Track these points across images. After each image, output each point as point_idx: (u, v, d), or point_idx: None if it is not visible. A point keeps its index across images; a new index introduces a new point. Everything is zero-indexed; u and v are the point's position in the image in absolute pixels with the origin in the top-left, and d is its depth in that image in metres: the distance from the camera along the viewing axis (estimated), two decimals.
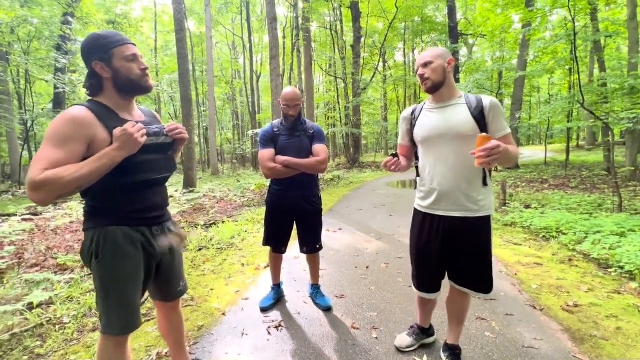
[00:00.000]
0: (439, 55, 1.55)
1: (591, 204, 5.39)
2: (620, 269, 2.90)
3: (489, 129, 1.51)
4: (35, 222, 5.47)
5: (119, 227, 1.22)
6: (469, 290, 1.63)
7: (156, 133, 1.30)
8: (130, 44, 1.25)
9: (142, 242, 1.27)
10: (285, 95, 2.14)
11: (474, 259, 1.58)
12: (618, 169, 7.43)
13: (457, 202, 1.55)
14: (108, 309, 1.22)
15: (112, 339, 1.24)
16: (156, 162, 1.32)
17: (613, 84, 7.84)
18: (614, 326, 2.09)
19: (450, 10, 14.05)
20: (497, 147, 1.29)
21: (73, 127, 1.10)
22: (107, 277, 1.20)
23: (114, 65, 1.21)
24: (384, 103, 26.24)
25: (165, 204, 1.43)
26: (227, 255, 3.68)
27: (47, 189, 1.02)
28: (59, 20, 10.59)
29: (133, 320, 1.26)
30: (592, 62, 15.17)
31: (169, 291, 1.48)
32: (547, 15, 6.65)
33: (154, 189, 1.34)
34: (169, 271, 1.43)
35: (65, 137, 1.08)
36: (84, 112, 1.14)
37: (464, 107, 1.53)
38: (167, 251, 1.39)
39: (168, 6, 22.13)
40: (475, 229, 1.55)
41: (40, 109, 12.88)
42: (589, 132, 21.41)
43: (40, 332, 2.11)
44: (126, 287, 1.22)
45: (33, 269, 3.24)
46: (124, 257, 1.21)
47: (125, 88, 1.24)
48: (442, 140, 1.55)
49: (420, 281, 1.73)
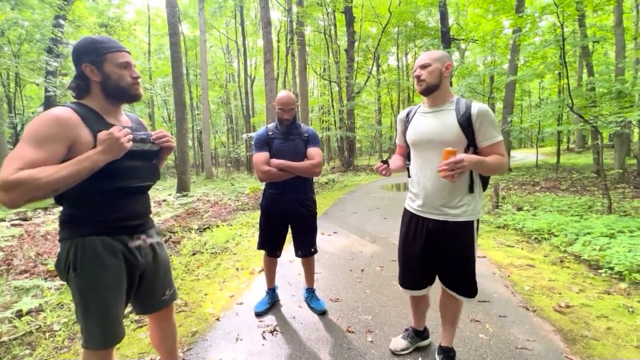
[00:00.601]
0: (438, 58, 1.55)
1: (581, 206, 5.47)
2: (610, 269, 2.95)
3: (477, 137, 1.50)
4: (25, 227, 5.36)
5: (99, 236, 1.16)
6: (454, 293, 1.65)
7: (142, 139, 1.27)
8: (125, 51, 1.23)
9: (123, 251, 1.22)
10: (279, 100, 2.15)
11: (455, 262, 1.61)
12: (607, 172, 7.58)
13: (439, 205, 1.57)
14: (89, 322, 1.16)
15: (95, 353, 1.18)
16: (141, 169, 1.28)
17: (601, 88, 8.01)
18: (605, 326, 2.12)
19: (443, 16, 14.26)
20: (460, 162, 1.33)
21: (55, 127, 1.05)
22: (86, 288, 1.14)
23: (104, 70, 1.18)
24: (378, 107, 26.40)
25: (148, 212, 1.38)
26: (222, 260, 3.66)
27: (19, 190, 0.94)
28: (50, 23, 10.48)
29: (115, 333, 1.20)
30: (581, 67, 15.51)
31: (151, 302, 1.40)
32: (537, 21, 6.78)
33: (137, 196, 1.30)
34: (152, 282, 1.37)
35: (45, 137, 1.03)
36: (68, 112, 1.10)
37: (452, 113, 1.53)
38: (150, 261, 1.34)
39: (162, 9, 22.09)
40: (454, 233, 1.56)
41: (31, 112, 12.69)
42: (578, 135, 21.81)
43: (30, 340, 2.07)
44: (107, 298, 1.16)
45: (22, 275, 3.17)
46: (104, 268, 1.15)
47: (113, 94, 1.22)
48: (430, 145, 1.57)
49: (403, 278, 1.77)
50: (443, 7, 13.95)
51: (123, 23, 15.64)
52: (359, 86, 17.51)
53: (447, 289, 1.67)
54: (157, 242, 1.41)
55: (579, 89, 10.61)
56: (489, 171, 1.52)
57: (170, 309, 1.50)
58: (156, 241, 1.40)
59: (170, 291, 1.46)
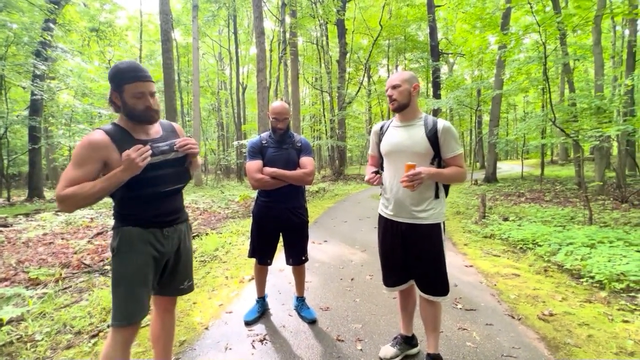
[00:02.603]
0: (406, 79, 1.73)
1: (564, 216, 5.64)
2: (591, 278, 3.05)
3: (441, 149, 1.70)
4: (5, 234, 5.20)
5: (135, 227, 1.40)
6: (429, 296, 1.76)
7: (164, 151, 1.43)
8: (141, 81, 1.36)
9: (151, 241, 1.42)
10: (274, 109, 2.19)
11: (427, 262, 1.74)
12: (588, 184, 7.85)
13: (409, 210, 1.73)
14: (117, 301, 1.37)
15: (119, 333, 1.36)
16: (167, 176, 1.46)
17: (581, 103, 8.37)
18: (586, 334, 2.19)
19: (432, 30, 14.70)
20: (418, 174, 1.55)
21: (89, 150, 1.29)
22: (118, 270, 1.38)
23: (124, 99, 1.36)
24: (369, 116, 26.79)
25: (179, 208, 1.57)
26: (211, 268, 3.62)
27: (68, 203, 1.25)
28: (39, 26, 10.35)
29: (137, 311, 1.38)
30: (563, 83, 16.15)
31: (172, 287, 1.58)
32: (521, 38, 7.08)
33: (166, 198, 1.49)
34: (175, 269, 1.56)
35: (82, 159, 1.28)
36: (101, 136, 1.33)
37: (421, 128, 1.71)
38: (175, 250, 1.53)
39: (154, 16, 22.06)
40: (425, 234, 1.72)
41: (15, 115, 12.37)
42: (561, 148, 22.55)
43: (10, 351, 2.00)
44: (133, 280, 1.38)
45: (2, 283, 3.07)
46: (134, 253, 1.38)
47: (132, 118, 1.40)
48: (401, 155, 1.72)
49: (386, 278, 1.91)
50: (432, 22, 14.39)
51: (115, 28, 15.57)
52: (350, 96, 17.77)
53: (423, 294, 1.78)
54: (185, 234, 1.59)
55: (561, 103, 11.03)
56: (448, 181, 1.72)
57: (174, 302, 1.66)
58: (184, 234, 1.58)
59: (189, 282, 1.64)
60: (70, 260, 3.80)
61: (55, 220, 6.09)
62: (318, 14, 14.01)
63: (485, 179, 12.76)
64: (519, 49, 8.69)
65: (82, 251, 4.19)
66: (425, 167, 1.63)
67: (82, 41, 15.22)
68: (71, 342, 2.10)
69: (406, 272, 1.84)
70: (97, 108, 13.11)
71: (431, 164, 1.71)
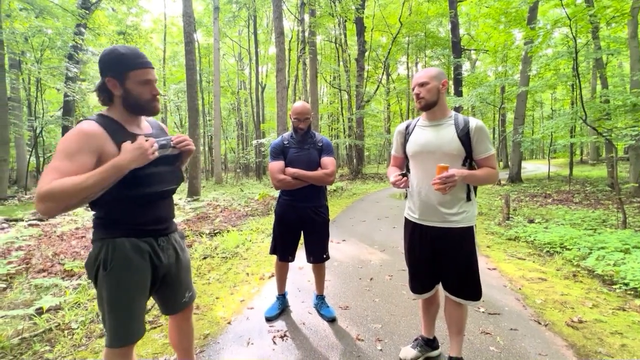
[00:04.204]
0: (434, 76, 1.65)
1: (595, 219, 5.38)
2: (624, 285, 2.90)
3: (474, 150, 1.63)
4: (42, 227, 5.53)
5: (128, 238, 1.24)
6: (459, 299, 1.70)
7: (163, 146, 1.31)
8: (148, 67, 1.26)
9: (149, 253, 1.29)
10: (295, 109, 2.23)
11: (459, 266, 1.68)
12: (622, 185, 7.44)
13: (440, 214, 1.66)
14: (113, 319, 1.22)
15: (118, 352, 1.24)
16: (163, 174, 1.34)
17: (615, 100, 7.91)
18: (619, 343, 2.09)
19: (454, 26, 14.32)
20: (452, 176, 1.49)
21: (83, 140, 1.13)
22: (113, 287, 1.20)
23: (126, 86, 1.23)
24: (387, 115, 26.46)
25: (171, 216, 1.45)
26: (232, 265, 3.71)
27: (52, 200, 1.02)
28: (72, 30, 10.90)
29: (138, 330, 1.27)
30: (595, 79, 15.33)
31: (174, 303, 1.46)
32: (549, 33, 6.78)
33: (161, 201, 1.36)
34: (174, 283, 1.43)
35: (75, 150, 1.10)
36: (94, 126, 1.17)
37: (452, 128, 1.64)
38: (173, 262, 1.40)
39: (177, 18, 22.73)
40: (458, 238, 1.66)
41: (50, 116, 13.11)
42: (592, 148, 21.43)
43: (49, 337, 2.14)
44: (133, 298, 1.24)
45: (40, 274, 3.28)
46: (131, 268, 1.23)
47: (133, 108, 1.27)
48: (431, 156, 1.65)
49: (413, 284, 1.86)
50: (454, 17, 14.01)
51: (140, 31, 16.14)
52: (368, 95, 17.62)
53: (452, 296, 1.72)
54: (180, 245, 1.47)
55: (592, 100, 10.48)
56: (481, 182, 1.66)
57: (189, 310, 1.55)
58: (179, 244, 1.46)
59: (190, 293, 1.52)
60: None
61: (87, 216, 6.42)
62: (337, 12, 13.96)
63: (509, 179, 12.32)
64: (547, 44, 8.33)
65: None
66: (457, 168, 1.57)
67: (110, 44, 15.88)
68: (104, 332, 2.22)
69: (435, 278, 1.79)
70: None
71: (463, 166, 1.64)
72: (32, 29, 10.43)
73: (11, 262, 3.40)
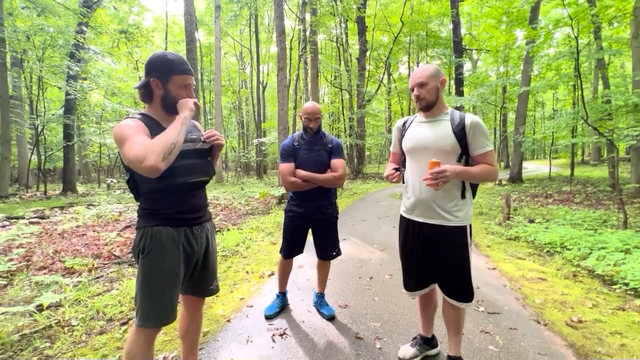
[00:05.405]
0: (432, 75, 1.63)
1: (596, 220, 5.37)
2: (625, 285, 2.89)
3: (470, 146, 1.60)
4: (43, 225, 5.54)
5: (164, 227, 1.36)
6: (453, 301, 1.68)
7: (192, 139, 1.46)
8: (189, 74, 1.41)
9: (182, 241, 1.40)
10: (306, 109, 2.25)
11: (452, 269, 1.66)
12: (623, 186, 7.42)
13: (434, 210, 1.64)
14: (146, 301, 1.32)
15: (145, 332, 1.33)
16: (195, 165, 1.45)
17: (617, 101, 7.89)
18: (619, 343, 2.09)
19: (455, 26, 14.29)
20: (443, 172, 1.45)
21: (134, 125, 1.28)
22: (149, 271, 1.32)
23: (167, 87, 1.38)
24: (388, 114, 26.44)
25: (205, 205, 1.56)
26: (232, 263, 3.72)
27: (170, 155, 1.21)
28: (73, 29, 10.91)
29: (168, 315, 1.35)
30: (597, 79, 15.29)
31: (202, 287, 1.57)
32: (551, 33, 6.76)
33: (194, 191, 1.47)
34: (204, 269, 1.55)
35: (134, 130, 1.25)
36: (138, 121, 1.32)
37: (447, 124, 1.62)
38: (204, 251, 1.52)
39: (179, 17, 22.73)
40: (448, 237, 1.63)
41: (51, 114, 13.12)
42: (593, 148, 21.40)
43: (49, 334, 2.15)
44: (165, 282, 1.34)
45: (41, 271, 3.29)
46: (165, 255, 1.34)
47: (169, 108, 1.40)
48: (425, 152, 1.64)
49: (407, 281, 1.84)
50: (456, 17, 13.99)
51: (142, 30, 16.14)
52: (369, 94, 17.61)
53: (447, 298, 1.72)
54: (212, 233, 1.59)
55: (594, 101, 10.46)
56: (477, 180, 1.62)
57: (203, 300, 1.67)
58: (211, 232, 1.58)
59: (216, 282, 1.64)
60: (101, 251, 4.01)
61: (88, 214, 6.43)
62: (338, 11, 13.96)
63: (509, 179, 12.31)
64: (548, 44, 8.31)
65: (112, 243, 4.40)
66: (450, 164, 1.54)
67: (112, 43, 15.90)
68: (104, 329, 2.23)
69: (428, 276, 1.77)
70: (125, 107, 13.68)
71: (458, 162, 1.61)
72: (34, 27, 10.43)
73: (12, 259, 3.41)
